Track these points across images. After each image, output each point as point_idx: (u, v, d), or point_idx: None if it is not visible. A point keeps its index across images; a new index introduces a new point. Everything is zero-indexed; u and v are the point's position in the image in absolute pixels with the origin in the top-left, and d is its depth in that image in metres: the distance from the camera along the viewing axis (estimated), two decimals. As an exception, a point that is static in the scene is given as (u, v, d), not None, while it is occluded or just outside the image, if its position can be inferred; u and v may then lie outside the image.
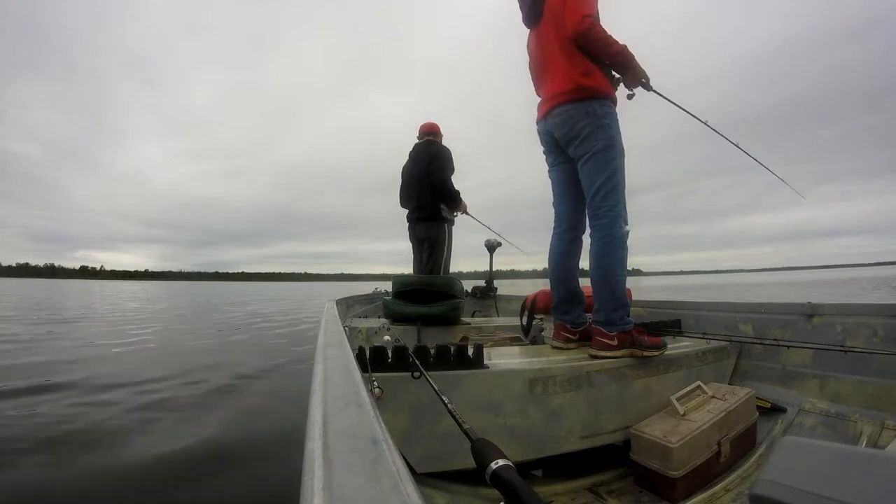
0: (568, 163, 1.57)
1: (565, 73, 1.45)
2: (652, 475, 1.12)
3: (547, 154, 1.66)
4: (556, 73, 1.49)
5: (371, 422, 0.39)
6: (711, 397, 1.29)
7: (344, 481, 0.28)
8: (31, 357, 3.57)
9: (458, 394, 1.04)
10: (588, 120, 1.42)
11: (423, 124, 3.24)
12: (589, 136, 1.42)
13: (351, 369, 0.60)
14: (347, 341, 0.87)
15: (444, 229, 3.10)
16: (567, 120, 1.46)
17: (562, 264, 1.61)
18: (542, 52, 1.57)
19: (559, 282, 1.61)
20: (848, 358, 1.37)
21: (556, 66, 1.49)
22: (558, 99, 1.48)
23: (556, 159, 1.62)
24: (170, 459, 1.60)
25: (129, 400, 2.36)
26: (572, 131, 1.45)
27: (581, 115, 1.43)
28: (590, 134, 1.42)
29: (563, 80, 1.46)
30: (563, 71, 1.46)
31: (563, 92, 1.46)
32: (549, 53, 1.53)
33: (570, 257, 1.61)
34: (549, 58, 1.53)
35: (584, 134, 1.43)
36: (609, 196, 1.42)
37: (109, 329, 5.87)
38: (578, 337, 1.55)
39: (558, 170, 1.62)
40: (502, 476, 0.44)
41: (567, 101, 1.45)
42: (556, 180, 1.64)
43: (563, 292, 1.59)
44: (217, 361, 3.52)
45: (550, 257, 1.64)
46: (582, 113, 1.43)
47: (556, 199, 1.65)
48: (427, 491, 1.02)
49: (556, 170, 1.63)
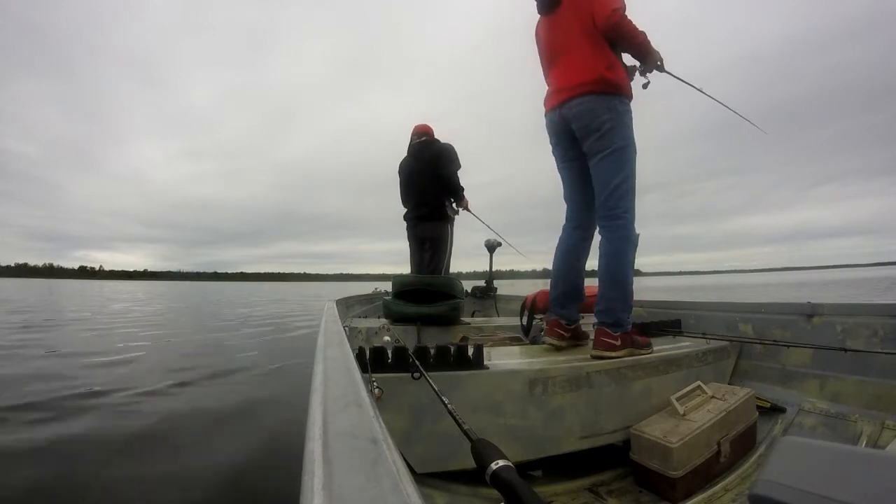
0: (578, 159, 1.53)
1: (590, 63, 1.42)
2: (652, 475, 1.12)
3: (556, 147, 1.61)
4: (578, 63, 1.45)
5: (371, 422, 0.39)
6: (711, 397, 1.29)
7: (344, 481, 0.28)
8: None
9: (458, 394, 1.04)
10: (610, 115, 1.40)
11: (416, 125, 3.23)
12: (609, 132, 1.40)
13: (351, 369, 0.60)
14: (347, 341, 0.87)
15: (448, 229, 3.09)
16: (588, 111, 1.42)
17: (569, 262, 1.59)
18: (559, 40, 1.53)
19: (564, 277, 1.59)
20: (848, 358, 1.37)
21: (578, 55, 1.45)
22: (580, 89, 1.43)
23: (566, 154, 1.57)
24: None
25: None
26: (593, 124, 1.42)
27: (603, 108, 1.40)
28: (610, 130, 1.40)
29: (586, 71, 1.43)
30: (586, 61, 1.43)
31: (586, 83, 1.42)
32: (569, 42, 1.48)
33: (579, 255, 1.59)
34: (568, 46, 1.49)
35: (605, 129, 1.40)
36: (625, 197, 1.42)
37: (90, 336, 5.12)
38: (570, 335, 1.55)
39: (570, 168, 1.58)
40: (502, 476, 0.44)
41: (589, 92, 1.42)
42: (569, 179, 1.60)
43: (566, 288, 1.58)
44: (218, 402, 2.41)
45: (560, 251, 1.62)
46: (604, 107, 1.40)
47: (568, 195, 1.62)
48: (427, 491, 1.02)
49: (567, 167, 1.59)
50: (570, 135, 1.51)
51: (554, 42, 1.55)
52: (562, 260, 1.61)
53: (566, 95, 1.47)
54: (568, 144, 1.55)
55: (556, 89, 1.53)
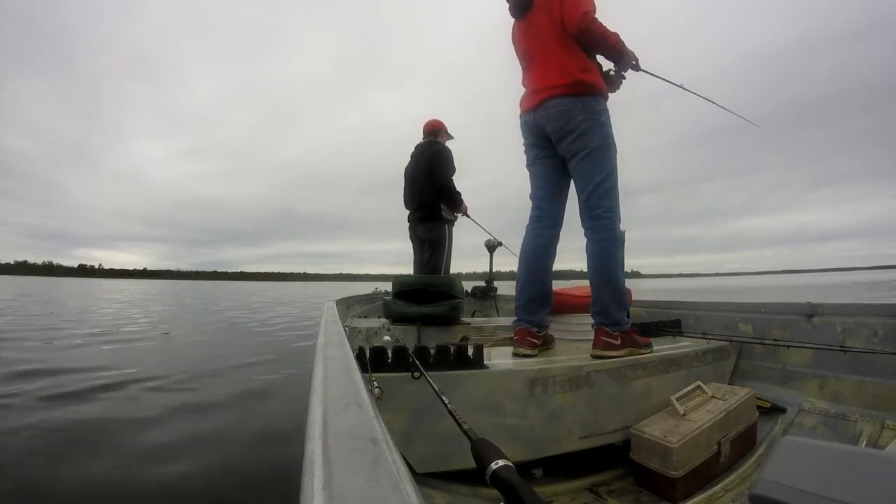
0: (553, 158, 1.52)
1: (563, 65, 1.43)
2: (652, 475, 1.12)
3: (530, 147, 1.59)
4: (552, 65, 1.45)
5: (371, 422, 0.39)
6: (711, 397, 1.29)
7: (344, 481, 0.28)
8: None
9: (458, 394, 1.04)
10: (585, 115, 1.40)
11: (426, 122, 3.24)
12: (585, 133, 1.40)
13: (351, 369, 0.60)
14: (347, 341, 0.87)
15: (445, 230, 3.11)
16: (562, 113, 1.42)
17: (539, 262, 1.53)
18: (532, 43, 1.53)
19: (533, 280, 1.52)
20: (848, 358, 1.37)
21: (551, 57, 1.46)
22: (553, 91, 1.43)
23: (541, 153, 1.55)
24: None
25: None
26: (568, 126, 1.42)
27: (578, 109, 1.40)
28: (586, 130, 1.40)
29: (559, 73, 1.43)
30: (560, 64, 1.43)
31: (559, 85, 1.42)
32: (542, 44, 1.49)
33: (548, 255, 1.54)
34: (542, 48, 1.49)
35: (581, 130, 1.40)
36: (607, 195, 1.41)
37: (53, 351, 3.94)
38: (542, 342, 1.48)
39: (543, 164, 1.55)
40: (502, 476, 0.44)
41: (563, 94, 1.42)
42: (540, 175, 1.57)
43: (535, 292, 1.51)
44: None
45: (527, 253, 1.55)
46: (578, 107, 1.41)
47: (539, 194, 1.58)
48: (427, 491, 1.02)
49: (540, 164, 1.56)
50: (545, 137, 1.51)
51: (528, 46, 1.56)
52: (530, 262, 1.54)
53: (539, 98, 1.47)
54: (543, 145, 1.54)
55: (531, 91, 1.53)
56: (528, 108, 1.54)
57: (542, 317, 1.50)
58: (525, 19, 1.56)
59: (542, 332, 1.48)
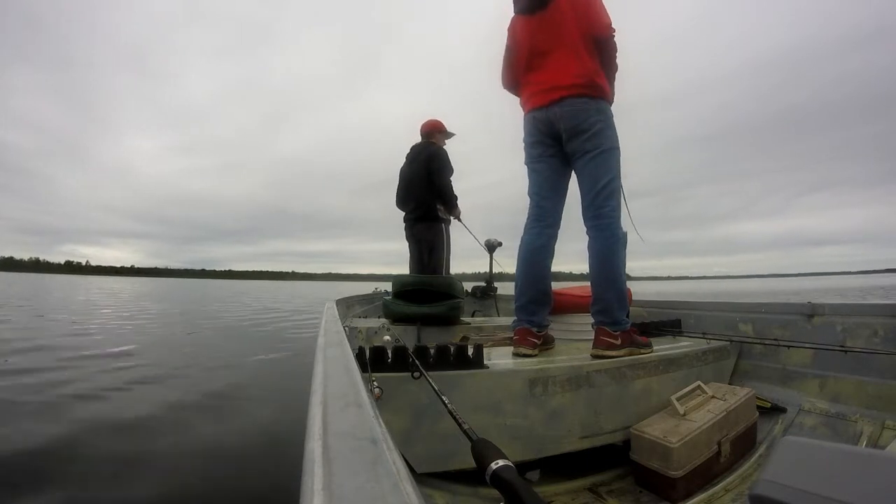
0: (556, 157, 1.52)
1: (584, 65, 1.43)
2: (652, 475, 1.12)
3: (535, 145, 1.56)
4: (572, 64, 1.45)
5: (371, 422, 0.39)
6: (711, 397, 1.29)
7: (344, 481, 0.28)
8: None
9: (458, 394, 1.04)
10: (599, 117, 1.43)
11: (424, 122, 3.23)
12: (598, 134, 1.42)
13: (351, 369, 0.60)
14: (347, 341, 0.87)
15: (442, 229, 3.11)
16: (579, 112, 1.43)
17: (539, 262, 1.53)
18: (548, 39, 1.50)
19: (533, 280, 1.52)
20: (848, 358, 1.37)
21: (572, 56, 1.45)
22: (572, 91, 1.43)
23: (545, 151, 1.54)
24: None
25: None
26: (583, 125, 1.43)
27: (593, 110, 1.43)
28: (600, 131, 1.42)
29: (580, 73, 1.43)
30: (581, 63, 1.44)
31: (578, 84, 1.43)
32: (561, 42, 1.47)
33: (547, 254, 1.54)
34: (563, 46, 1.47)
35: (595, 130, 1.42)
36: (611, 197, 1.43)
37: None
38: (542, 342, 1.48)
39: (546, 163, 1.55)
40: (502, 476, 0.44)
41: (581, 94, 1.43)
42: (542, 173, 1.55)
43: (535, 292, 1.51)
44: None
45: (527, 252, 1.53)
46: (594, 109, 1.43)
47: (540, 193, 1.56)
48: (427, 491, 1.02)
49: (543, 162, 1.55)
50: (553, 135, 1.50)
51: (541, 41, 1.52)
52: (530, 262, 1.53)
53: (558, 94, 1.45)
54: (549, 142, 1.53)
55: (545, 89, 1.50)
56: (539, 104, 1.51)
57: (541, 317, 1.50)
58: (540, 14, 1.52)
59: (541, 332, 1.49)
